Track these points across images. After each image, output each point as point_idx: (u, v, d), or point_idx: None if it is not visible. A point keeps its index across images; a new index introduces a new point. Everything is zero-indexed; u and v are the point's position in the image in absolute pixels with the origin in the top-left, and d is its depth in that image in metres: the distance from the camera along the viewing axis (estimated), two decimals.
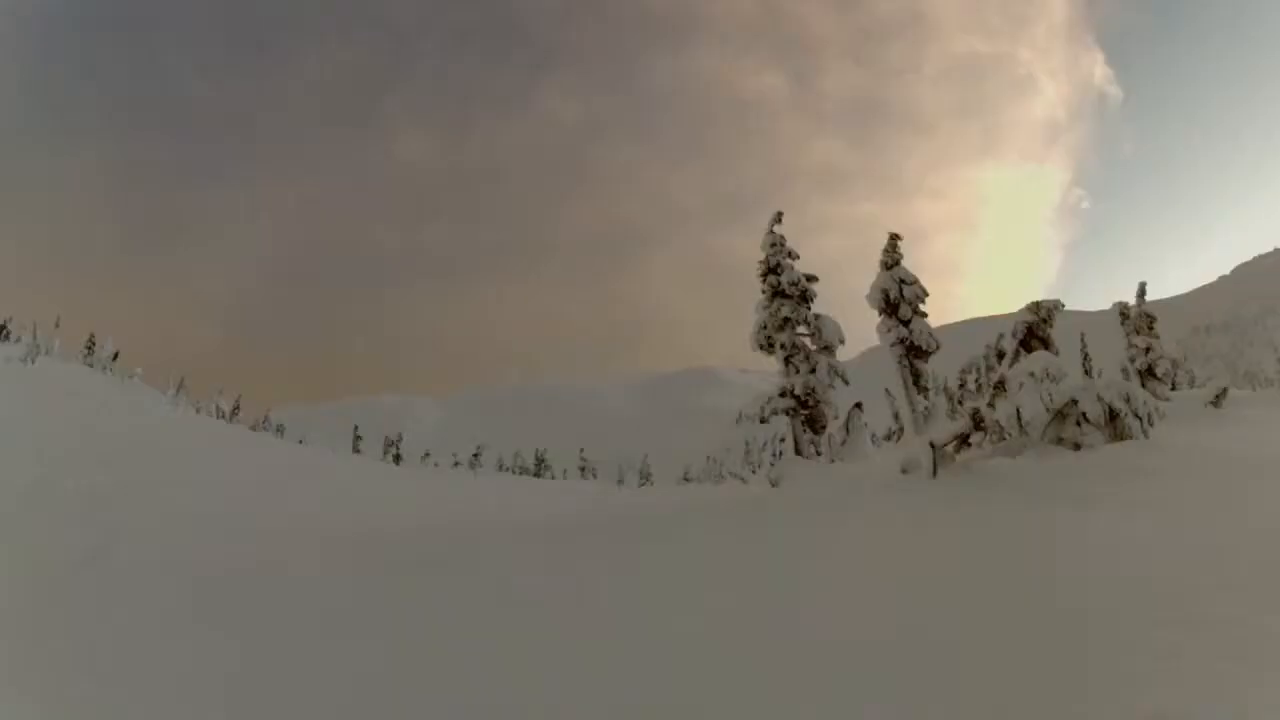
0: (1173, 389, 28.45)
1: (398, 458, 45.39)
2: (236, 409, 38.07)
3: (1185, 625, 4.72)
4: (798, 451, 18.51)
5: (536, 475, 55.66)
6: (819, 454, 18.55)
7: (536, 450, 61.28)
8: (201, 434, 25.19)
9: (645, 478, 55.24)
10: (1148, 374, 25.15)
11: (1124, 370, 25.60)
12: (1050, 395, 13.68)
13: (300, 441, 37.21)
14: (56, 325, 32.80)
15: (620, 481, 49.02)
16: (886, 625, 5.44)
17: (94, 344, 34.01)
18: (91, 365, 32.53)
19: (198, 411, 32.83)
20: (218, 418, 34.20)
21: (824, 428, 18.67)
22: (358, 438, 48.85)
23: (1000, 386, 14.60)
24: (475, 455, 46.72)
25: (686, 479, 45.65)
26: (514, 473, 56.22)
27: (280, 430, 42.28)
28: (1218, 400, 23.49)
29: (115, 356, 33.42)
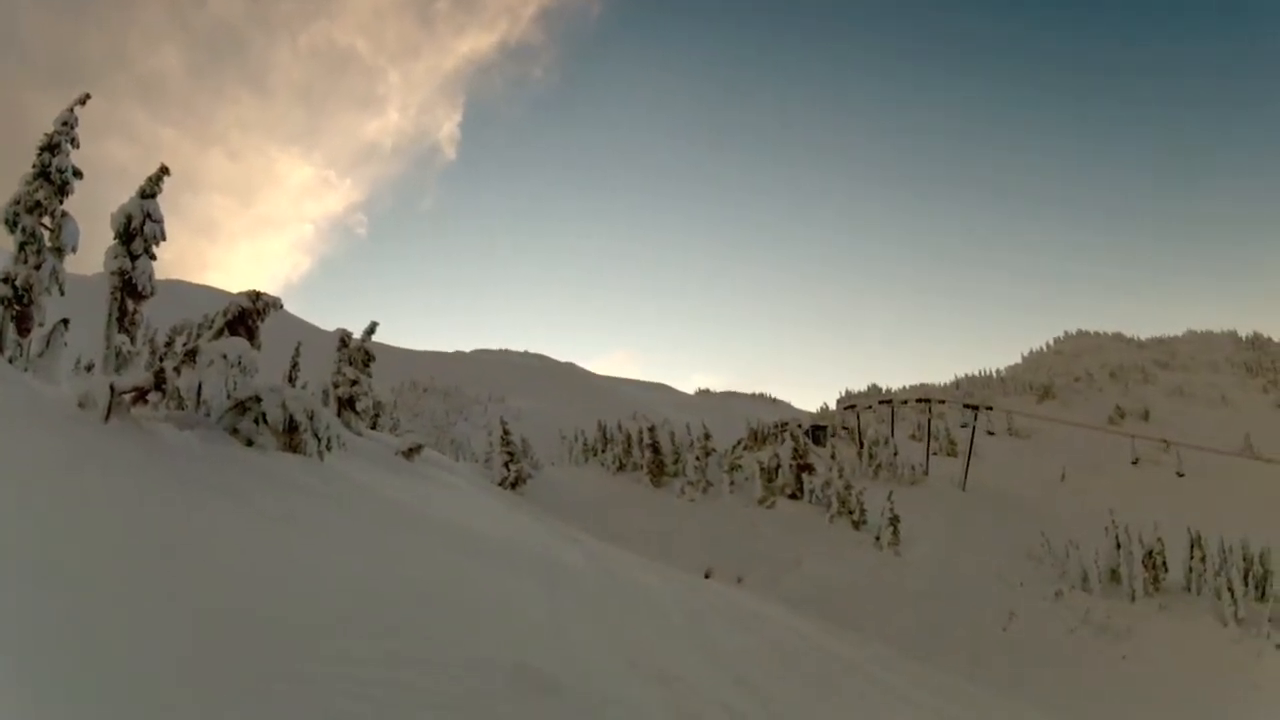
0: (373, 428, 29.21)
1: None
2: None
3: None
4: (0, 349, 16.60)
5: None
6: (20, 358, 16.93)
7: None
8: None
9: None
10: (347, 404, 26.56)
11: (324, 392, 26.47)
12: (235, 384, 13.96)
13: None
14: None
15: None
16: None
17: None
18: None
19: None
20: None
21: (29, 331, 17.11)
22: None
23: (191, 356, 14.26)
24: None
25: None
26: None
27: None
28: (410, 454, 24.82)
29: None
